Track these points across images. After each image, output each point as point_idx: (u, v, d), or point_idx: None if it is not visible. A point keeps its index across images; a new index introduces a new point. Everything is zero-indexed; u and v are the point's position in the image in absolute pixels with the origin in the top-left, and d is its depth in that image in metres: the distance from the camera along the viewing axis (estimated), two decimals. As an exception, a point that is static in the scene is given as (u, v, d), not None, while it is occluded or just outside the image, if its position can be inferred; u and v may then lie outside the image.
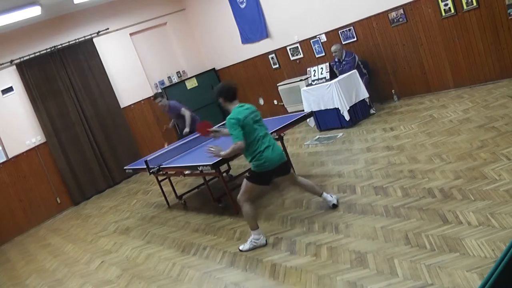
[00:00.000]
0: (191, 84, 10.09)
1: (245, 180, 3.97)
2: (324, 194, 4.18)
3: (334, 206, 4.16)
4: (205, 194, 5.86)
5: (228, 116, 3.84)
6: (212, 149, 4.04)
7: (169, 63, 10.17)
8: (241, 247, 4.01)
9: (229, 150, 3.87)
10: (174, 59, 10.28)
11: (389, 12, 6.80)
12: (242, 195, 3.94)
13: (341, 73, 6.99)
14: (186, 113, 6.85)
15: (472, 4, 5.87)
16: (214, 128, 4.66)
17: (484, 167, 3.83)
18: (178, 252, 4.55)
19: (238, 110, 3.85)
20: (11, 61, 8.16)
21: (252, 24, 8.95)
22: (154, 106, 9.78)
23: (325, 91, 6.75)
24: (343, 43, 7.47)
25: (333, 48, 7.12)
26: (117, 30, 9.42)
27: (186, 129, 6.78)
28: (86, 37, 8.95)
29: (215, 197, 5.30)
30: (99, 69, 9.05)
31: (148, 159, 5.76)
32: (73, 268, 5.22)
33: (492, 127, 4.65)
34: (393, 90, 7.27)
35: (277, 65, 8.99)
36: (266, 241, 3.97)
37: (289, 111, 8.62)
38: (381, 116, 6.79)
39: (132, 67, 9.56)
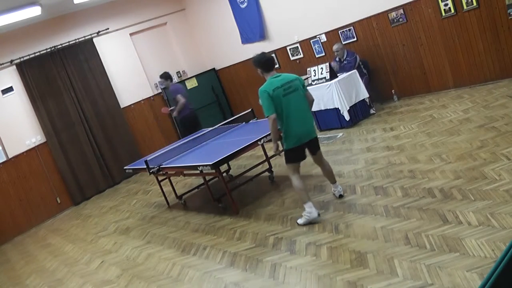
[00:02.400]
0: (191, 84, 10.08)
1: (285, 163, 4.12)
2: (337, 183, 4.39)
3: (341, 197, 4.34)
4: (205, 194, 5.86)
5: (261, 87, 3.92)
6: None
7: (169, 63, 10.16)
8: (298, 221, 4.10)
9: (270, 132, 4.00)
10: (174, 59, 10.28)
11: (389, 12, 6.80)
12: (288, 172, 4.11)
13: (341, 71, 6.99)
14: (181, 100, 7.31)
15: (472, 4, 5.87)
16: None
17: (484, 167, 3.83)
18: (178, 252, 4.55)
19: (271, 81, 3.91)
20: (11, 61, 8.16)
21: (252, 24, 8.95)
22: (154, 106, 9.79)
23: (325, 91, 6.75)
24: (343, 43, 7.47)
25: (335, 47, 7.12)
26: (117, 30, 9.42)
27: (175, 113, 7.50)
28: (86, 37, 8.95)
29: (215, 197, 5.30)
30: (99, 69, 9.05)
31: (148, 159, 5.76)
32: (73, 268, 5.22)
33: (492, 127, 4.65)
34: (393, 90, 7.27)
35: (277, 65, 8.98)
36: (318, 214, 4.00)
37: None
38: (381, 116, 6.79)
39: (132, 67, 9.56)
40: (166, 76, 7.68)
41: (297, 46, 8.40)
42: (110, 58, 9.28)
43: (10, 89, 8.21)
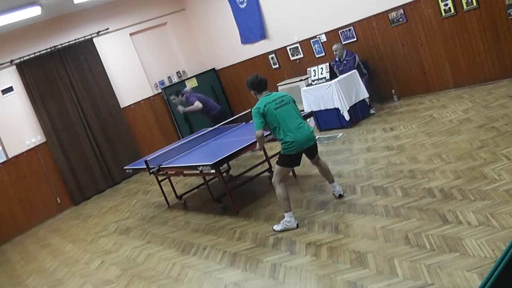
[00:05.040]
0: (191, 84, 10.08)
1: (275, 165, 4.15)
2: (335, 183, 4.41)
3: (340, 196, 4.35)
4: (205, 194, 5.86)
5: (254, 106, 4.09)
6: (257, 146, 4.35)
7: (169, 63, 10.17)
8: (274, 227, 4.16)
9: (257, 142, 4.22)
10: (174, 59, 10.28)
11: (389, 12, 6.80)
12: (275, 177, 4.13)
13: (341, 73, 6.99)
14: (198, 105, 7.27)
15: (472, 4, 5.87)
16: None
17: (484, 167, 3.83)
18: (178, 252, 4.55)
19: (263, 99, 4.11)
20: (11, 61, 8.16)
21: (252, 24, 8.95)
22: (154, 106, 9.80)
23: (325, 91, 6.75)
24: (343, 43, 7.47)
25: (334, 47, 7.12)
26: (117, 30, 9.42)
27: (183, 108, 7.39)
28: (86, 37, 8.95)
29: (215, 197, 5.30)
30: (99, 69, 9.05)
31: (148, 159, 5.76)
32: (73, 268, 5.22)
33: (492, 127, 4.65)
34: (393, 90, 7.27)
35: (277, 65, 8.99)
36: (297, 224, 4.05)
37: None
38: (381, 116, 6.79)
39: (132, 67, 9.56)
40: (176, 93, 7.52)
41: (297, 46, 8.40)
42: (110, 58, 9.28)
43: (10, 89, 8.21)
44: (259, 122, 4.01)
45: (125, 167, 6.68)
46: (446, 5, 6.13)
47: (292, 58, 8.63)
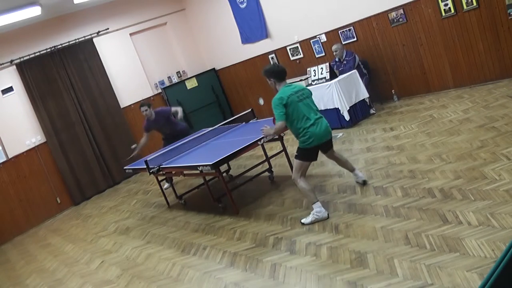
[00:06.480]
0: (191, 84, 10.09)
1: (295, 159, 4.13)
2: (356, 170, 4.44)
3: (364, 183, 4.41)
4: (205, 194, 5.86)
5: (274, 96, 4.03)
6: (264, 128, 4.28)
7: (169, 63, 10.17)
8: (303, 220, 4.08)
9: (274, 130, 4.13)
10: (174, 59, 10.29)
11: (389, 12, 6.80)
12: (295, 173, 4.12)
13: (341, 73, 6.99)
14: (178, 108, 7.14)
15: (472, 4, 5.87)
16: None
17: (484, 167, 3.83)
18: (178, 252, 4.55)
19: (284, 89, 4.04)
20: (11, 61, 8.16)
21: (252, 24, 8.95)
22: (154, 106, 9.75)
23: (325, 91, 6.75)
24: (343, 43, 7.47)
25: (334, 47, 7.12)
26: (117, 30, 9.43)
27: (180, 114, 7.13)
28: (86, 37, 8.95)
29: (215, 197, 5.30)
30: (99, 69, 9.05)
31: (148, 159, 5.76)
32: (73, 268, 5.22)
33: (492, 127, 4.65)
34: (393, 90, 7.27)
35: (277, 65, 8.97)
36: (328, 214, 4.02)
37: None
38: (381, 116, 6.79)
39: (132, 67, 9.56)
40: (149, 105, 6.95)
41: (297, 46, 8.40)
42: (110, 58, 9.28)
43: (10, 89, 8.22)
44: (281, 113, 3.94)
45: (125, 167, 6.68)
46: (446, 5, 6.13)
47: (292, 58, 8.63)
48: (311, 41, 8.09)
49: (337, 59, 7.22)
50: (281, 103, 3.93)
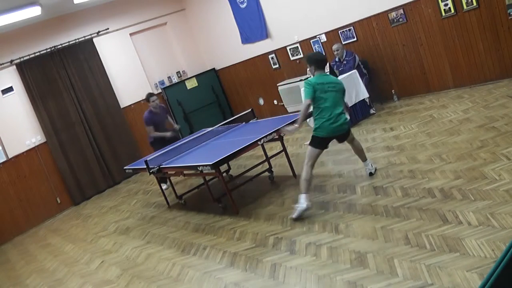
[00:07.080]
0: (191, 84, 10.09)
1: (308, 146, 4.31)
2: (368, 161, 4.63)
3: (371, 175, 4.57)
4: (205, 194, 5.86)
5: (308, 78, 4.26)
6: (287, 129, 4.48)
7: (169, 63, 10.17)
8: (292, 216, 4.22)
9: (300, 113, 4.21)
10: (174, 59, 10.28)
11: (389, 12, 6.80)
12: (306, 159, 4.27)
13: (341, 73, 6.98)
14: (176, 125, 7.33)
15: (472, 4, 5.87)
16: None
17: (484, 167, 3.83)
18: (178, 252, 4.55)
19: (318, 76, 4.25)
20: (11, 61, 8.16)
21: (252, 24, 8.95)
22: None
23: (325, 91, 6.74)
24: (343, 43, 7.47)
25: (335, 47, 7.12)
26: (117, 30, 9.42)
27: (176, 126, 7.28)
28: (86, 37, 8.95)
29: (215, 197, 5.30)
30: (99, 69, 9.05)
31: (148, 159, 5.76)
32: (73, 268, 5.22)
33: (492, 127, 4.65)
34: (393, 90, 7.27)
35: (277, 65, 8.99)
36: (306, 205, 4.12)
37: (289, 111, 8.63)
38: (381, 116, 6.79)
39: (132, 67, 9.56)
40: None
41: (297, 46, 8.40)
42: (110, 58, 9.28)
43: (10, 89, 8.21)
44: (310, 91, 4.12)
45: (125, 167, 6.68)
46: (446, 5, 6.13)
47: (292, 58, 8.63)
48: (311, 41, 8.09)
49: (337, 59, 7.22)
50: (310, 84, 4.14)
